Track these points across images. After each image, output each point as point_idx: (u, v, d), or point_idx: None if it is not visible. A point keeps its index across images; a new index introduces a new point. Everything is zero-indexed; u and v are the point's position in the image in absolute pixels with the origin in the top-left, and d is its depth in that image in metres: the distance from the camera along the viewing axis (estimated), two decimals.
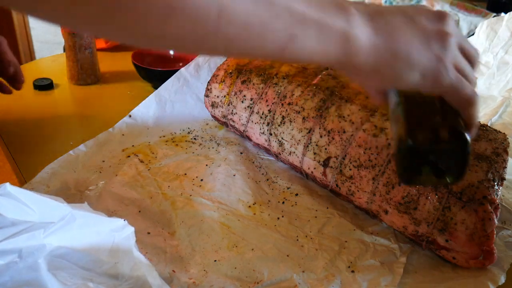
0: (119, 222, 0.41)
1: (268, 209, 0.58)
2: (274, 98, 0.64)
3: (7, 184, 0.39)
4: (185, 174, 0.63)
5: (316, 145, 0.59)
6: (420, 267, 0.52)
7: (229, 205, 0.58)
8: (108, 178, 0.61)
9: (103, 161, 0.64)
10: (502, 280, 0.49)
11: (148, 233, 0.53)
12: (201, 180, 0.62)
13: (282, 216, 0.57)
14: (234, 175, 0.63)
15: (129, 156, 0.66)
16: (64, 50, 0.88)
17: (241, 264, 0.50)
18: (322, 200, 0.60)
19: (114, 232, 0.40)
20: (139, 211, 0.56)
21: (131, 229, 0.42)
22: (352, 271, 0.50)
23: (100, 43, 1.00)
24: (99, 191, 0.58)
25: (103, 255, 0.40)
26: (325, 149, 0.58)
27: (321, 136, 0.59)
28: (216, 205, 0.58)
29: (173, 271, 0.48)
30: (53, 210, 0.40)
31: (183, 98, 0.78)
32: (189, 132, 0.73)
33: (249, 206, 0.58)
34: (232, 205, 0.58)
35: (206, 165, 0.65)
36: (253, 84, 0.67)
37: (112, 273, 0.40)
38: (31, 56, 2.20)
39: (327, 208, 0.59)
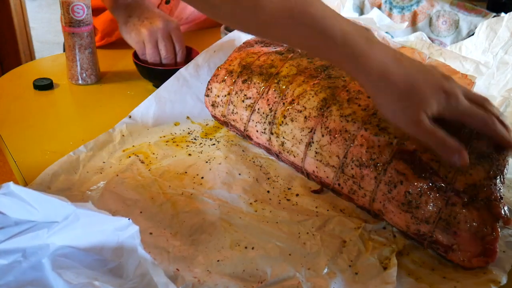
0: (123, 221, 0.41)
1: (270, 206, 0.58)
2: (275, 97, 0.64)
3: (11, 183, 0.39)
4: (186, 172, 0.63)
5: (318, 144, 0.59)
6: (422, 266, 0.52)
7: (230, 203, 0.58)
8: (109, 178, 0.61)
9: (104, 162, 0.64)
10: (503, 281, 0.49)
11: (150, 233, 0.53)
12: (202, 177, 0.62)
13: (284, 213, 0.57)
14: (234, 174, 0.63)
15: (129, 157, 0.66)
16: (64, 50, 0.88)
17: (244, 264, 0.50)
18: (323, 200, 0.60)
19: (118, 231, 0.40)
20: (141, 212, 0.56)
21: (135, 228, 0.42)
22: (354, 270, 0.50)
23: (97, 41, 1.00)
24: (100, 192, 0.58)
25: (107, 254, 0.39)
26: (327, 148, 0.58)
27: (322, 136, 0.59)
28: (217, 203, 0.58)
29: (177, 269, 0.48)
30: (57, 209, 0.40)
31: (183, 98, 0.78)
32: (189, 133, 0.73)
33: (250, 203, 0.58)
34: (233, 203, 0.58)
35: (206, 162, 0.65)
36: (254, 83, 0.67)
37: (117, 272, 0.40)
38: (31, 56, 2.20)
39: (328, 207, 0.59)
